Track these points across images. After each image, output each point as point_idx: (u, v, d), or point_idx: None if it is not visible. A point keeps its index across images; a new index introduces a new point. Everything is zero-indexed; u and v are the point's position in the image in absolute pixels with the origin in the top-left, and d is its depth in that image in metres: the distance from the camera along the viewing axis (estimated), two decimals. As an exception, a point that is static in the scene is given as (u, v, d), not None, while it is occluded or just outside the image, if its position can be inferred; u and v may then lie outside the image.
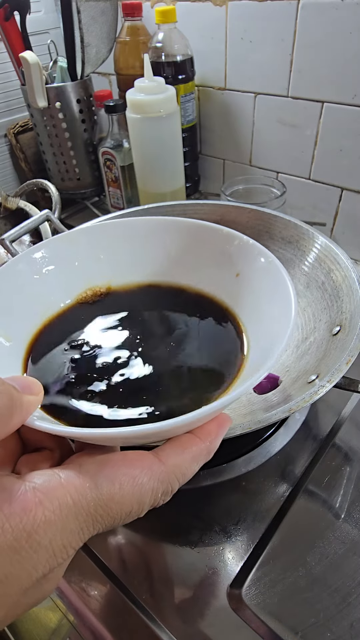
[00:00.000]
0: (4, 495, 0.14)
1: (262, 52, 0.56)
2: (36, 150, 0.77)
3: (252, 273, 0.29)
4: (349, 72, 0.50)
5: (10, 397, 0.16)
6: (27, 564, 0.14)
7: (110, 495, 0.16)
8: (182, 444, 0.18)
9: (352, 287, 0.36)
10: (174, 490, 0.18)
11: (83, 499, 0.15)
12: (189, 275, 0.32)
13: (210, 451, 0.19)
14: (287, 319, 0.23)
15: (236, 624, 0.29)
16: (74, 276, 0.31)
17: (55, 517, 0.15)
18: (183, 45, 0.59)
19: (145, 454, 0.18)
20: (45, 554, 0.14)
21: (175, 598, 0.31)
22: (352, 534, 0.32)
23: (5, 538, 0.14)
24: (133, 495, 0.16)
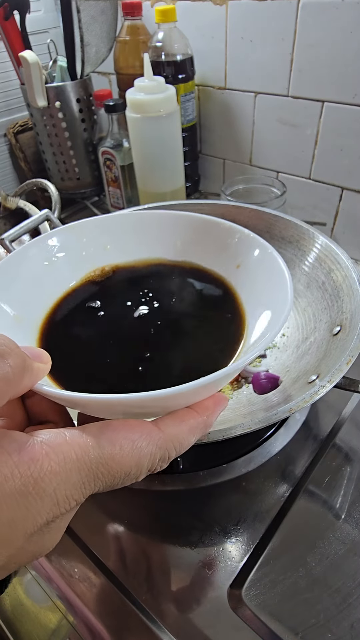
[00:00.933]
0: (14, 446, 0.16)
1: (262, 51, 0.56)
2: (36, 149, 0.77)
3: (252, 264, 0.30)
4: (349, 72, 0.50)
5: (23, 360, 0.17)
6: (33, 509, 0.15)
7: (110, 455, 0.17)
8: (180, 416, 0.20)
9: (352, 287, 0.36)
10: (171, 458, 0.19)
11: (86, 455, 0.16)
12: (193, 262, 0.34)
13: (207, 425, 0.20)
14: (284, 304, 0.24)
15: (236, 624, 0.29)
16: (81, 264, 0.33)
17: (60, 469, 0.16)
18: (183, 44, 0.59)
19: (145, 422, 0.19)
20: (49, 502, 0.15)
21: (175, 598, 0.30)
22: (352, 534, 0.32)
23: (14, 483, 0.15)
24: (132, 457, 0.17)
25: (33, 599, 0.34)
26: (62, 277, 0.32)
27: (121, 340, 0.29)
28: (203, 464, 0.37)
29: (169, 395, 0.18)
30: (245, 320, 0.29)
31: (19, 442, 0.16)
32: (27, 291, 0.29)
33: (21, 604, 0.34)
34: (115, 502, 0.36)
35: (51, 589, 0.33)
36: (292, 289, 0.25)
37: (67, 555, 0.33)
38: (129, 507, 0.36)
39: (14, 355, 0.16)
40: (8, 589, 0.35)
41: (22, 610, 0.34)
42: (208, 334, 0.29)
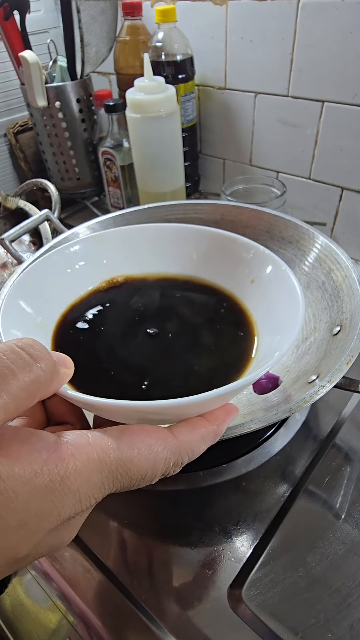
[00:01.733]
0: (43, 444, 0.17)
1: (262, 51, 0.56)
2: (36, 149, 0.77)
3: (266, 280, 0.31)
4: (349, 72, 0.50)
5: (53, 364, 0.18)
6: (58, 504, 0.16)
7: (129, 458, 0.18)
8: (193, 424, 0.21)
9: (352, 287, 0.36)
10: (183, 463, 0.20)
11: (107, 457, 0.18)
12: (209, 276, 0.35)
13: (217, 434, 0.21)
14: (295, 321, 0.25)
15: (236, 624, 0.29)
16: (101, 272, 0.35)
17: (83, 468, 0.17)
18: (183, 44, 0.59)
19: (161, 428, 0.20)
20: (72, 499, 0.17)
21: (175, 598, 0.30)
22: (352, 534, 0.32)
23: (43, 479, 0.16)
24: (148, 461, 0.19)
25: (33, 599, 0.34)
26: (81, 286, 0.33)
27: (134, 351, 0.30)
28: (203, 464, 0.37)
29: (184, 405, 0.20)
30: (255, 337, 0.30)
31: (46, 442, 0.17)
32: (50, 298, 0.31)
33: (21, 604, 0.34)
34: (116, 502, 0.36)
35: (51, 589, 0.33)
36: (303, 305, 0.26)
37: (67, 555, 0.33)
38: (129, 507, 0.36)
39: (45, 359, 0.18)
40: (8, 589, 0.35)
41: (22, 610, 0.34)
42: (220, 348, 0.30)
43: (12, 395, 0.16)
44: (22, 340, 0.18)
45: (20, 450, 0.16)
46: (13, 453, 0.16)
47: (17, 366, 0.16)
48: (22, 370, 0.17)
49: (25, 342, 0.18)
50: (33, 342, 0.18)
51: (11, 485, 0.15)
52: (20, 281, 0.29)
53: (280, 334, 0.26)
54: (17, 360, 0.17)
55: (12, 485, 0.15)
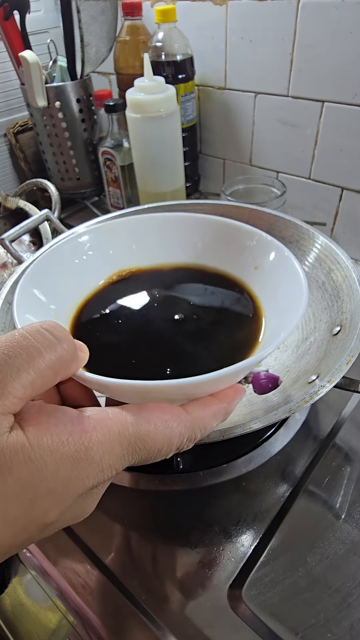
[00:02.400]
0: (67, 418, 0.18)
1: (262, 51, 0.56)
2: (36, 149, 0.77)
3: (269, 266, 0.32)
4: (349, 72, 0.50)
5: (74, 345, 0.19)
6: (83, 473, 0.17)
7: (146, 432, 0.19)
8: (205, 402, 0.22)
9: (352, 287, 0.36)
10: (197, 438, 0.21)
11: (126, 430, 0.19)
12: (213, 262, 0.36)
13: (227, 412, 0.23)
14: (300, 302, 0.26)
15: (236, 624, 0.29)
16: (109, 263, 0.35)
17: (105, 440, 0.18)
18: (183, 44, 0.59)
19: (174, 406, 0.21)
20: (96, 468, 0.18)
21: (175, 598, 0.31)
22: (352, 534, 0.32)
23: (69, 448, 0.17)
24: (164, 435, 0.20)
25: (33, 599, 0.34)
26: (91, 276, 0.34)
27: (146, 336, 0.31)
28: (203, 464, 0.37)
29: (195, 383, 0.21)
30: (263, 319, 0.31)
31: (70, 415, 0.18)
32: (60, 287, 0.31)
33: (21, 604, 0.34)
34: (115, 502, 0.36)
35: (51, 589, 0.33)
36: (307, 289, 0.27)
37: (67, 555, 0.33)
38: (129, 507, 0.36)
39: (68, 341, 0.19)
40: (8, 589, 0.35)
41: (22, 610, 0.34)
42: (228, 332, 0.31)
43: (40, 372, 0.17)
44: (46, 323, 0.19)
45: (48, 422, 0.17)
46: (41, 424, 0.17)
47: (44, 345, 0.18)
48: (47, 349, 0.18)
49: (49, 324, 0.19)
50: (56, 325, 0.19)
51: (41, 453, 0.16)
52: (33, 269, 0.29)
53: (285, 316, 0.27)
54: (43, 341, 0.18)
55: (41, 454, 0.16)
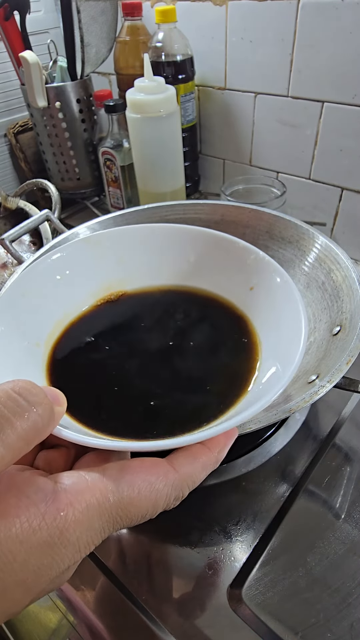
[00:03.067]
0: (40, 496, 0.16)
1: (262, 52, 0.56)
2: (36, 150, 0.77)
3: (266, 289, 0.30)
4: (349, 72, 0.50)
5: (50, 408, 0.17)
6: (57, 558, 0.16)
7: (129, 500, 0.18)
8: (193, 454, 0.20)
9: (352, 287, 0.36)
10: (184, 496, 0.20)
11: (106, 501, 0.17)
12: (205, 282, 0.33)
13: (218, 460, 0.21)
14: (298, 341, 0.24)
15: (236, 624, 0.29)
16: (93, 279, 0.32)
17: (83, 517, 0.16)
18: (183, 45, 0.59)
19: (160, 461, 0.19)
20: (72, 549, 0.16)
21: (175, 598, 0.31)
22: (352, 534, 0.32)
23: (42, 534, 0.15)
24: (149, 500, 0.18)
25: (33, 599, 0.34)
26: (73, 297, 0.32)
27: (129, 372, 0.28)
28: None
29: (184, 445, 0.19)
30: (258, 351, 0.29)
31: (44, 492, 0.16)
32: (38, 313, 0.29)
33: (21, 603, 0.34)
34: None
35: (51, 588, 0.33)
36: (306, 325, 0.25)
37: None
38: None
39: (43, 404, 0.17)
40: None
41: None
42: (220, 365, 0.29)
43: (9, 446, 0.15)
44: (19, 384, 0.17)
45: (17, 505, 0.16)
46: (10, 510, 0.15)
47: (15, 414, 0.16)
48: (19, 418, 0.16)
49: (21, 386, 0.17)
50: (30, 386, 0.17)
51: (8, 547, 0.15)
52: (6, 298, 0.27)
53: (283, 357, 0.25)
54: (15, 408, 0.16)
55: (9, 547, 0.15)
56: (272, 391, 0.21)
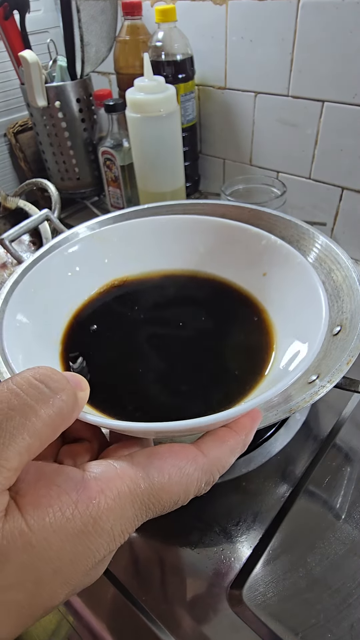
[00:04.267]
0: (71, 484, 0.16)
1: (262, 51, 0.56)
2: (36, 149, 0.76)
3: (280, 273, 0.29)
4: (349, 72, 0.50)
5: (74, 394, 0.17)
6: (93, 547, 0.16)
7: (161, 485, 0.17)
8: (221, 437, 0.20)
9: (352, 287, 0.36)
10: (215, 480, 0.19)
11: (137, 488, 0.17)
12: (218, 270, 0.33)
13: (245, 444, 0.20)
14: (319, 321, 0.23)
15: (236, 624, 0.29)
16: (103, 273, 0.33)
17: (115, 505, 0.16)
18: (183, 44, 0.59)
19: (188, 446, 0.19)
20: (107, 538, 0.16)
21: (175, 598, 0.30)
22: (352, 534, 0.32)
23: (75, 524, 0.15)
24: (180, 485, 0.18)
25: (33, 599, 0.34)
26: (84, 288, 0.32)
27: (151, 358, 0.28)
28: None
29: (208, 424, 0.19)
30: (274, 333, 0.28)
31: (74, 480, 0.16)
32: (51, 305, 0.29)
33: (21, 604, 0.34)
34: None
35: (51, 589, 0.33)
36: (327, 305, 0.24)
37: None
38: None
39: (66, 391, 0.17)
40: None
41: (22, 610, 0.34)
42: (238, 350, 0.28)
43: (36, 434, 0.15)
44: (40, 371, 0.17)
45: (48, 495, 0.15)
46: (41, 499, 0.15)
47: (38, 402, 0.16)
48: (44, 405, 0.16)
49: (42, 372, 0.17)
50: (51, 372, 0.17)
51: (44, 536, 0.14)
52: (19, 292, 0.27)
53: (302, 336, 0.25)
54: (37, 395, 0.16)
55: (44, 536, 0.14)
56: (297, 370, 0.21)
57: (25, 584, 0.14)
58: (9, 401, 0.15)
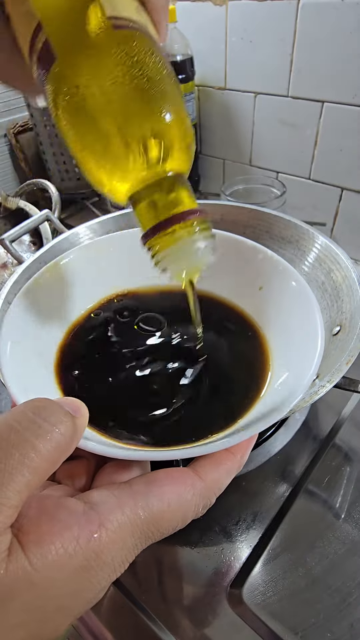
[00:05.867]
0: (72, 519, 0.16)
1: (262, 52, 0.56)
2: (36, 150, 0.77)
3: (276, 289, 0.29)
4: (349, 72, 0.50)
5: (72, 424, 0.17)
6: (94, 580, 0.16)
7: (160, 514, 0.17)
8: (217, 460, 0.20)
9: (352, 287, 0.36)
10: (212, 503, 0.19)
11: (137, 518, 0.17)
12: (212, 284, 0.32)
13: (241, 464, 0.21)
14: (314, 343, 0.23)
15: (236, 624, 0.29)
16: (100, 283, 0.32)
17: (116, 537, 0.16)
18: (183, 44, 0.59)
19: (186, 471, 0.19)
20: (108, 570, 0.16)
21: (175, 598, 0.31)
22: (352, 534, 0.32)
23: (78, 559, 0.15)
24: (179, 512, 0.18)
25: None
26: (77, 305, 0.31)
27: (143, 379, 0.28)
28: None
29: (208, 452, 0.19)
30: (269, 351, 0.28)
31: (75, 514, 0.16)
32: (46, 318, 0.29)
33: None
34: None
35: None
36: (322, 329, 0.24)
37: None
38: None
39: (64, 423, 0.17)
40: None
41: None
42: (234, 370, 0.28)
43: (35, 470, 0.15)
44: (35, 404, 0.17)
45: (51, 532, 0.15)
46: (44, 537, 0.15)
47: (37, 437, 0.16)
48: (42, 440, 0.15)
49: (38, 406, 0.17)
50: (47, 404, 0.17)
51: (47, 574, 0.14)
52: (11, 317, 0.26)
53: (298, 358, 0.25)
54: (37, 430, 0.16)
55: (47, 575, 0.14)
56: (290, 400, 0.21)
57: (29, 624, 0.15)
58: (8, 439, 0.15)
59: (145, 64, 0.18)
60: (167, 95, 0.19)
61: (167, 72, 0.19)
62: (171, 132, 0.20)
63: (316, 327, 0.24)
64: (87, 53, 0.19)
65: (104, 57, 0.18)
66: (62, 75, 0.19)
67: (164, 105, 0.19)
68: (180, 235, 0.21)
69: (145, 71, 0.18)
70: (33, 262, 0.41)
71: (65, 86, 0.19)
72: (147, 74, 0.18)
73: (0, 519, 0.14)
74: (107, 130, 0.19)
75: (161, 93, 0.19)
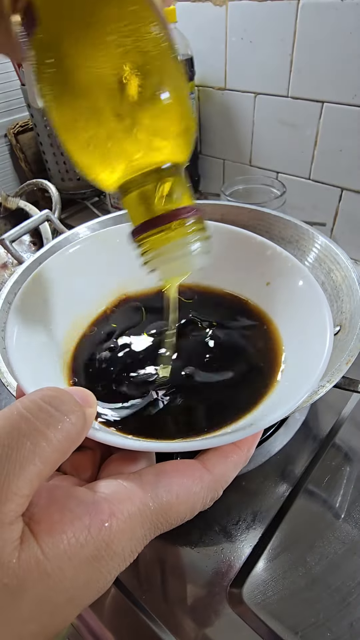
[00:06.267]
0: (82, 508, 0.16)
1: (262, 52, 0.56)
2: (36, 150, 0.77)
3: (284, 284, 0.29)
4: (349, 72, 0.50)
5: (82, 414, 0.17)
6: (105, 570, 0.16)
7: (169, 505, 0.17)
8: (224, 453, 0.20)
9: (352, 287, 0.36)
10: (219, 496, 0.20)
11: (147, 508, 0.17)
12: (220, 278, 0.33)
13: (247, 458, 0.21)
14: (323, 341, 0.23)
15: (236, 623, 0.29)
16: (106, 278, 0.32)
17: (126, 527, 0.16)
18: (183, 45, 0.59)
19: (194, 463, 0.19)
20: (118, 560, 0.16)
21: (175, 597, 0.31)
22: (352, 534, 0.32)
23: (89, 549, 0.15)
24: (187, 504, 0.18)
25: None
26: (87, 297, 0.31)
27: (151, 371, 0.28)
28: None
29: (217, 445, 0.19)
30: (282, 349, 0.28)
31: (85, 504, 0.16)
32: (54, 310, 0.29)
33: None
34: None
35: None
36: (331, 325, 0.24)
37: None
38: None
39: (75, 412, 0.17)
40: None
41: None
42: (243, 364, 0.28)
43: (46, 460, 0.15)
44: (47, 393, 0.17)
45: (62, 521, 0.15)
46: (55, 526, 0.15)
47: (48, 426, 0.15)
48: (53, 429, 0.16)
49: (50, 394, 0.17)
50: (59, 393, 0.17)
51: (58, 564, 0.14)
52: (19, 301, 0.26)
53: (308, 354, 0.25)
54: (47, 419, 0.16)
55: (59, 565, 0.14)
56: (298, 396, 0.21)
57: (41, 617, 0.15)
58: (20, 428, 0.15)
59: (142, 35, 0.17)
60: (165, 71, 0.18)
61: (167, 46, 0.18)
62: (168, 111, 0.18)
63: (325, 324, 0.24)
64: (74, 18, 0.17)
65: (94, 24, 0.16)
66: (47, 43, 0.17)
67: (161, 81, 0.17)
68: (174, 235, 0.20)
69: (141, 43, 0.17)
70: (33, 262, 0.41)
71: (50, 57, 0.17)
72: (143, 46, 0.17)
73: (12, 507, 0.14)
74: (94, 106, 0.17)
75: (158, 68, 0.17)
